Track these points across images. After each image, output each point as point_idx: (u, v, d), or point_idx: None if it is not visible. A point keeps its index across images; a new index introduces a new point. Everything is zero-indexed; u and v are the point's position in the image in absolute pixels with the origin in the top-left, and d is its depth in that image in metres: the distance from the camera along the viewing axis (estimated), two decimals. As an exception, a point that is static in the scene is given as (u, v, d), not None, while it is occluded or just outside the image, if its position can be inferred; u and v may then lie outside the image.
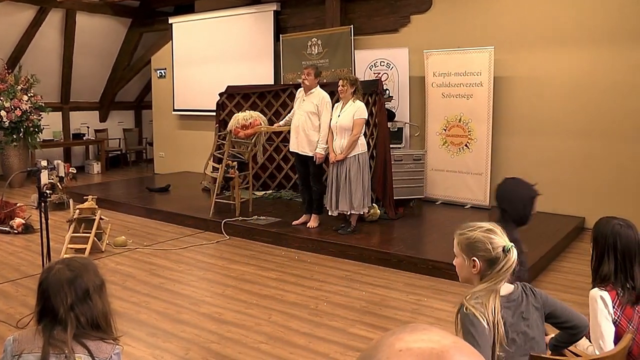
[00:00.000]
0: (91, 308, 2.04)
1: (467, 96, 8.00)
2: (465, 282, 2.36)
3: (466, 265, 2.28)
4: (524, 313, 2.29)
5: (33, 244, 6.66)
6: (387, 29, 8.98)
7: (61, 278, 2.05)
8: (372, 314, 4.68)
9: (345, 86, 6.42)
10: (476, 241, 2.24)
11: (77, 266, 2.10)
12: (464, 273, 2.32)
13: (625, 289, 2.62)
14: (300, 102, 6.82)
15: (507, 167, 7.99)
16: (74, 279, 2.05)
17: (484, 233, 2.25)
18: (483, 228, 2.27)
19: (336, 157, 6.45)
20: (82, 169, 13.06)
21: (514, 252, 2.21)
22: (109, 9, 11.93)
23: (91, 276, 2.09)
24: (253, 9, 10.45)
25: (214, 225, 7.36)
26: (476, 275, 2.25)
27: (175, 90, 11.93)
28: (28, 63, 11.32)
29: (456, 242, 2.33)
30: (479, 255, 2.22)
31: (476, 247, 2.24)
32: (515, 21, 7.81)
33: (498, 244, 2.21)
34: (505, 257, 2.20)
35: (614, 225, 2.70)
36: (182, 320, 4.54)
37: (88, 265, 2.14)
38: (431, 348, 0.75)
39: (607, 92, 7.23)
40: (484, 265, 2.22)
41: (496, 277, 2.20)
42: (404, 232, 6.82)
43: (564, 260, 6.13)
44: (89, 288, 2.05)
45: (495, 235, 2.24)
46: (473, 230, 2.27)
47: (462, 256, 2.29)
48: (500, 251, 2.20)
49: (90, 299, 2.05)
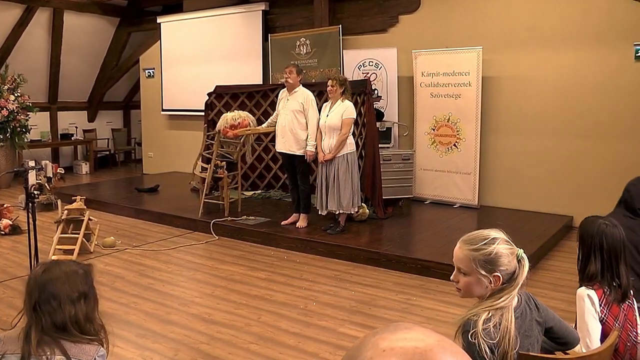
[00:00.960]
0: (55, 311, 2.02)
1: (455, 96, 8.03)
2: (469, 297, 2.15)
3: (484, 282, 2.05)
4: (527, 330, 2.12)
5: (20, 245, 6.63)
6: (376, 29, 9.00)
7: (36, 278, 2.08)
8: (361, 313, 4.69)
9: (335, 86, 6.44)
10: (499, 256, 2.04)
11: (58, 271, 2.09)
12: (475, 291, 2.09)
13: (611, 287, 2.64)
14: (285, 102, 6.82)
15: (495, 166, 8.05)
16: (47, 281, 2.05)
17: (504, 246, 2.07)
18: (499, 239, 2.08)
19: (325, 156, 6.46)
20: (70, 170, 13.00)
21: (525, 258, 2.07)
22: (96, 8, 11.87)
23: (72, 282, 2.07)
24: (241, 9, 10.43)
25: (203, 226, 7.35)
26: (492, 291, 2.06)
27: (164, 90, 11.89)
28: (15, 62, 11.24)
29: (466, 259, 2.09)
30: (501, 270, 2.03)
31: (499, 262, 2.04)
32: (503, 22, 7.85)
33: (512, 254, 2.06)
34: (521, 267, 2.05)
35: (600, 225, 2.73)
36: (171, 321, 4.54)
37: (74, 271, 2.12)
38: (415, 347, 0.75)
39: (594, 91, 7.28)
40: (504, 279, 2.04)
41: (512, 290, 2.03)
42: (393, 232, 6.83)
43: (552, 259, 6.17)
44: (59, 293, 2.03)
45: (508, 244, 2.08)
46: (490, 244, 2.06)
47: (479, 273, 2.05)
48: (516, 261, 2.06)
49: (75, 303, 2.04)
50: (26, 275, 5.18)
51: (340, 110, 6.39)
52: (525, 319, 2.12)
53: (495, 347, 1.94)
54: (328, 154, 6.45)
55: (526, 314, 2.13)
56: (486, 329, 1.94)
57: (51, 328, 2.01)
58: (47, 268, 2.11)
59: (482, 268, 2.05)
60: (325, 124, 6.47)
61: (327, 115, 6.47)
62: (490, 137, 8.02)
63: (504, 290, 2.04)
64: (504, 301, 2.01)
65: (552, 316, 2.26)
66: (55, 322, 2.01)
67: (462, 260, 2.12)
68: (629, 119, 7.08)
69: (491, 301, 2.03)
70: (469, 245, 2.11)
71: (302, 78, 6.90)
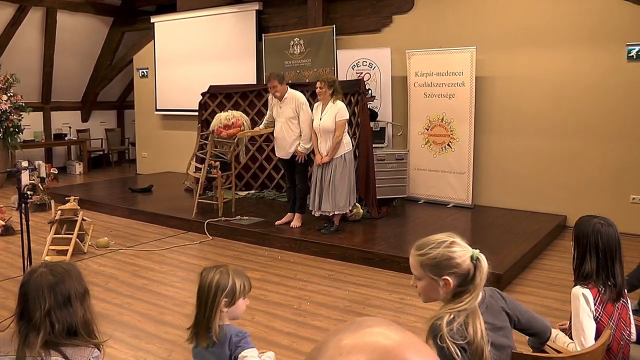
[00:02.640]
0: (70, 315, 2.00)
1: (449, 96, 8.05)
2: (431, 301, 2.18)
3: (436, 286, 2.07)
4: (497, 322, 2.15)
5: (13, 245, 6.60)
6: (370, 29, 9.01)
7: (42, 282, 2.02)
8: (355, 313, 4.70)
9: (324, 88, 6.42)
10: (444, 259, 2.05)
11: (60, 271, 2.06)
12: (432, 295, 2.12)
13: (606, 286, 2.66)
14: (277, 109, 6.83)
15: (489, 166, 8.07)
16: (55, 284, 2.01)
17: (448, 248, 2.07)
18: (445, 242, 2.08)
19: (322, 159, 6.46)
20: (64, 170, 12.96)
21: (482, 258, 2.06)
22: (90, 7, 11.84)
23: (73, 283, 2.06)
24: (235, 9, 10.42)
25: (196, 226, 7.34)
26: (448, 293, 2.07)
27: (158, 90, 11.87)
28: (7, 62, 11.20)
29: (417, 264, 2.11)
30: (449, 273, 2.04)
31: (445, 265, 2.05)
32: (497, 21, 7.87)
33: (465, 255, 2.06)
34: (477, 267, 2.04)
35: (595, 224, 2.73)
36: (165, 322, 4.53)
37: (72, 271, 2.10)
38: (380, 343, 0.72)
39: (586, 91, 7.31)
40: (456, 282, 2.05)
41: (473, 291, 2.04)
42: (387, 232, 6.84)
43: (546, 258, 6.19)
44: (70, 295, 2.02)
45: (458, 246, 2.08)
46: (435, 248, 2.07)
47: (429, 277, 2.08)
48: (470, 262, 2.05)
49: (70, 306, 2.01)
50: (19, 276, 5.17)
51: (333, 112, 6.39)
52: (493, 310, 2.15)
53: (468, 347, 1.94)
54: (325, 156, 6.45)
55: (492, 306, 2.16)
56: (451, 330, 1.94)
57: (62, 333, 1.98)
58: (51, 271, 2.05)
59: (431, 272, 2.07)
60: (320, 127, 6.47)
61: (321, 119, 6.47)
62: (483, 136, 8.04)
63: (465, 293, 2.04)
64: (466, 303, 2.02)
65: (518, 307, 2.28)
66: (69, 327, 1.99)
67: (413, 266, 2.15)
68: (621, 118, 7.11)
69: (453, 304, 2.04)
70: (418, 250, 2.13)
71: (287, 81, 6.91)
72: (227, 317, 2.45)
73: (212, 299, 2.39)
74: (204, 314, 2.41)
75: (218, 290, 2.40)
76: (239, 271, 2.52)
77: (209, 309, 2.39)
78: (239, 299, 2.45)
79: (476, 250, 2.07)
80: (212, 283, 2.41)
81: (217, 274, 2.43)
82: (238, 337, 2.40)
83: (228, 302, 2.41)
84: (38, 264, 2.18)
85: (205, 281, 2.43)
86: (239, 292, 2.43)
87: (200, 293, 2.44)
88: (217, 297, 2.39)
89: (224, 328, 2.41)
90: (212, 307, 2.39)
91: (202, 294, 2.43)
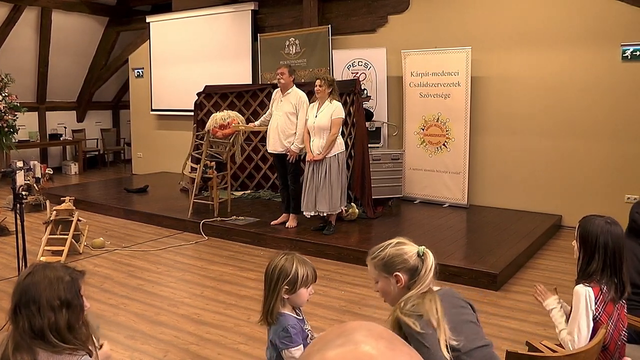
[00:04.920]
0: (34, 316, 1.98)
1: (444, 96, 8.06)
2: (394, 301, 2.33)
3: (391, 283, 2.27)
4: (455, 303, 2.32)
5: (8, 246, 6.58)
6: (365, 28, 9.01)
7: (19, 281, 2.07)
8: (351, 313, 4.70)
9: (323, 86, 6.44)
10: (391, 257, 2.26)
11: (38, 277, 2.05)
12: (391, 293, 2.30)
13: (610, 285, 2.65)
14: (278, 102, 6.82)
15: (484, 166, 8.08)
16: (29, 284, 2.03)
17: (395, 247, 2.28)
18: (392, 243, 2.31)
19: (314, 157, 6.46)
20: (59, 170, 12.92)
21: (428, 253, 2.26)
22: (85, 7, 11.82)
23: (47, 289, 2.03)
24: (231, 8, 10.42)
25: (192, 226, 7.33)
26: (403, 289, 2.25)
27: (153, 90, 11.86)
28: (2, 62, 11.15)
29: (372, 268, 2.33)
30: (398, 269, 2.24)
31: (393, 262, 2.26)
32: (493, 21, 7.88)
33: (411, 252, 2.25)
34: (423, 261, 2.24)
35: (603, 224, 2.71)
36: (161, 322, 4.53)
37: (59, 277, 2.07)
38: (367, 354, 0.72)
39: (581, 91, 7.33)
40: (406, 276, 2.24)
41: (422, 282, 2.21)
42: (383, 231, 6.84)
43: (541, 258, 6.20)
44: (38, 299, 2.00)
45: (405, 245, 2.29)
46: (384, 250, 2.30)
47: (383, 277, 2.29)
48: (416, 257, 2.24)
49: (35, 306, 1.99)
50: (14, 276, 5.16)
51: (330, 110, 6.39)
52: (453, 296, 2.35)
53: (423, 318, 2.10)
54: (318, 154, 6.45)
55: (449, 292, 2.37)
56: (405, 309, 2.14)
57: (28, 333, 1.97)
58: (32, 272, 2.08)
59: (383, 271, 2.29)
60: (315, 124, 6.46)
61: (316, 116, 6.48)
62: (479, 136, 8.05)
63: (415, 284, 2.22)
64: (417, 290, 2.20)
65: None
66: (33, 328, 1.98)
67: (370, 271, 2.36)
68: (616, 118, 7.13)
69: (410, 292, 2.22)
70: (369, 256, 2.35)
71: (294, 78, 6.91)
72: (289, 303, 2.56)
73: (274, 284, 2.52)
74: (266, 297, 2.55)
75: (280, 277, 2.51)
76: (305, 260, 2.60)
77: (271, 294, 2.52)
78: (301, 287, 2.53)
79: (422, 247, 2.28)
80: (276, 269, 2.52)
81: (282, 261, 2.54)
82: (284, 333, 2.49)
83: (289, 289, 2.51)
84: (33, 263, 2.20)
85: (271, 266, 2.56)
86: (301, 281, 2.52)
87: (265, 277, 2.57)
88: (279, 284, 2.51)
89: (281, 318, 2.52)
90: (274, 293, 2.51)
91: (266, 278, 2.56)
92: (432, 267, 2.24)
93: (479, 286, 5.25)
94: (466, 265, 5.48)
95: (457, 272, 5.41)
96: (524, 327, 4.38)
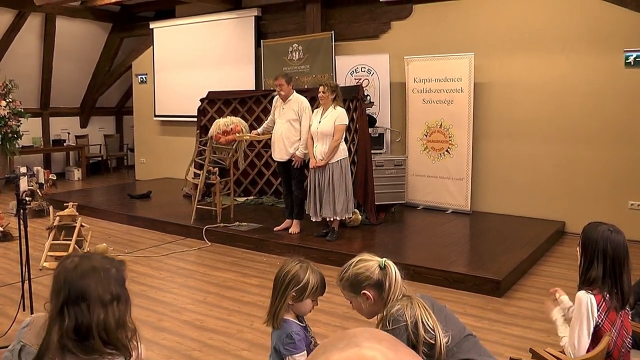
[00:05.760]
0: (82, 313, 1.82)
1: (447, 102, 8.06)
2: (373, 316, 2.38)
3: (363, 301, 2.30)
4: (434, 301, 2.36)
5: (11, 252, 6.59)
6: (368, 35, 9.02)
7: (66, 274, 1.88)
8: (354, 319, 4.68)
9: (326, 92, 6.45)
10: (355, 276, 2.30)
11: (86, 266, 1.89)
12: (367, 310, 2.33)
13: (612, 293, 2.64)
14: (280, 110, 6.82)
15: (487, 172, 8.07)
16: (78, 278, 1.86)
17: (356, 266, 2.31)
18: (353, 262, 2.34)
19: (317, 162, 6.46)
20: (62, 176, 12.94)
21: (390, 264, 2.29)
22: (89, 13, 11.85)
23: (95, 281, 1.87)
24: (234, 15, 10.44)
25: (195, 232, 7.34)
26: (376, 304, 2.28)
27: (157, 96, 11.87)
28: (6, 68, 11.19)
29: (342, 290, 2.39)
30: (364, 286, 2.28)
31: (358, 281, 2.29)
32: (495, 27, 7.89)
33: (373, 267, 2.28)
34: (386, 273, 2.27)
35: (604, 231, 2.71)
36: (164, 328, 4.52)
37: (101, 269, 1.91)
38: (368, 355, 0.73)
39: (585, 97, 7.32)
40: (374, 291, 2.27)
41: (393, 293, 2.25)
42: (386, 238, 6.84)
43: (545, 264, 6.18)
44: (86, 292, 1.84)
45: (366, 262, 2.32)
46: (347, 271, 2.33)
47: (354, 297, 2.33)
48: (379, 271, 2.27)
49: (85, 303, 1.83)
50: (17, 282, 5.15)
51: (333, 116, 6.40)
52: (427, 297, 2.36)
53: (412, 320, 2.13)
54: (320, 160, 6.45)
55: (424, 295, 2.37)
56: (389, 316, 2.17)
57: (72, 334, 1.80)
58: (77, 264, 1.90)
59: (351, 292, 2.34)
60: (318, 130, 6.47)
61: (320, 122, 6.48)
62: (482, 142, 8.05)
63: (388, 297, 2.25)
64: (392, 301, 2.23)
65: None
66: (80, 327, 1.81)
67: (343, 294, 2.43)
68: (619, 124, 7.12)
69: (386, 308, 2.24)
70: (338, 280, 2.40)
71: (293, 85, 6.91)
72: (292, 310, 2.55)
73: (283, 288, 2.52)
74: (273, 300, 2.55)
75: (291, 283, 2.51)
76: (317, 272, 2.60)
77: (279, 298, 2.52)
78: (308, 298, 2.54)
79: (383, 259, 2.29)
80: (289, 274, 2.52)
81: (296, 267, 2.54)
82: (288, 340, 2.49)
83: (296, 296, 2.51)
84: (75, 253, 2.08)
85: (282, 270, 2.56)
86: (309, 291, 2.52)
87: (276, 281, 2.57)
88: (288, 289, 2.50)
89: (285, 324, 2.52)
90: (282, 297, 2.51)
91: (277, 282, 2.56)
92: (397, 276, 2.28)
93: (482, 293, 5.23)
94: (469, 272, 5.47)
95: (460, 279, 5.40)
96: (528, 333, 4.36)
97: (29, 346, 1.90)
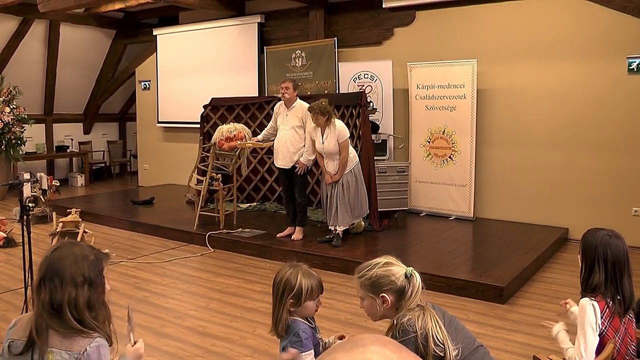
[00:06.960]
0: (56, 289, 2.00)
1: (450, 108, 8.06)
2: (380, 319, 2.37)
3: (377, 303, 2.28)
4: (444, 312, 2.35)
5: (14, 257, 6.59)
6: (371, 41, 9.04)
7: (46, 255, 2.08)
8: (356, 325, 4.68)
9: (318, 119, 6.32)
10: (378, 278, 2.27)
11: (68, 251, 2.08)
12: (377, 312, 2.32)
13: (614, 299, 2.63)
14: (283, 117, 6.82)
15: (490, 178, 8.06)
16: (55, 259, 2.05)
17: (382, 268, 2.29)
18: (380, 263, 2.31)
19: (332, 177, 6.48)
20: (65, 182, 12.95)
21: (415, 275, 2.27)
22: (93, 20, 11.90)
23: (79, 265, 2.06)
24: (237, 21, 10.47)
25: (198, 238, 7.34)
26: (390, 309, 2.27)
27: (160, 102, 11.91)
28: (11, 74, 11.24)
29: (358, 286, 2.35)
30: (385, 290, 2.26)
31: (380, 283, 2.27)
32: (498, 34, 7.90)
33: (399, 273, 2.26)
34: (410, 282, 2.24)
35: (603, 236, 2.71)
36: (166, 334, 4.52)
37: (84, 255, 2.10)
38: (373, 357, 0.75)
39: (588, 104, 7.32)
40: (393, 297, 2.25)
41: (410, 302, 2.23)
42: (389, 244, 6.83)
43: (548, 271, 6.16)
44: (62, 273, 2.02)
45: (393, 266, 2.30)
46: (371, 269, 2.31)
47: (369, 296, 2.31)
48: (404, 278, 2.25)
49: (58, 280, 2.01)
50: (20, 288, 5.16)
51: (334, 135, 6.36)
52: (438, 307, 2.34)
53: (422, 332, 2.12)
54: (335, 175, 6.47)
55: (442, 311, 2.34)
56: (399, 325, 2.16)
57: (47, 308, 1.99)
58: (60, 247, 2.10)
59: (369, 291, 2.30)
60: (324, 150, 6.47)
61: (323, 142, 6.46)
62: (485, 149, 8.05)
63: (403, 305, 2.24)
64: (405, 310, 2.22)
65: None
66: (53, 302, 1.99)
67: (356, 289, 2.38)
68: (622, 131, 7.11)
69: (397, 316, 2.24)
70: (357, 274, 2.36)
71: (298, 92, 6.90)
72: (297, 315, 2.55)
73: (279, 297, 2.52)
74: (274, 310, 2.56)
75: (285, 291, 2.51)
76: (310, 273, 2.58)
77: (278, 307, 2.53)
78: (306, 301, 2.52)
79: (410, 267, 2.29)
80: (282, 282, 2.53)
81: (287, 274, 2.54)
82: (295, 338, 2.49)
83: (294, 303, 2.51)
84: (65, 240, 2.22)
85: (277, 278, 2.56)
86: (305, 294, 2.51)
87: (273, 289, 2.58)
88: (284, 297, 2.51)
89: (292, 324, 2.52)
90: (280, 305, 2.52)
91: (274, 290, 2.57)
92: (419, 288, 2.26)
93: (485, 299, 5.22)
94: (472, 279, 5.45)
95: (463, 285, 5.39)
96: (531, 340, 4.35)
97: (16, 340, 2.02)
